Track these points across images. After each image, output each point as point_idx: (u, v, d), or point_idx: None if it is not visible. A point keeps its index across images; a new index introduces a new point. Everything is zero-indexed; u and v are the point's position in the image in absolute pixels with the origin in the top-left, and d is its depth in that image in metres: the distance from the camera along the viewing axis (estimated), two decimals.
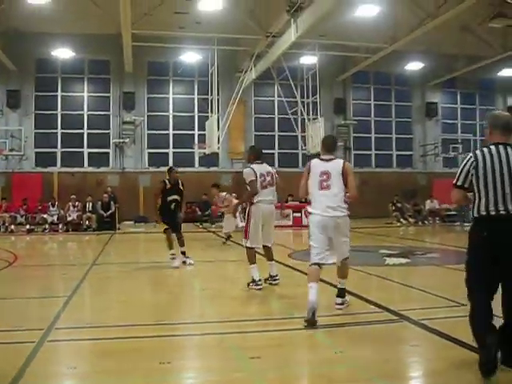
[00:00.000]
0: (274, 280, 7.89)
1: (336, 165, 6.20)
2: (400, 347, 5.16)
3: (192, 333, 5.69)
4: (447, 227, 21.68)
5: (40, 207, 20.68)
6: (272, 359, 4.73)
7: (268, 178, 7.78)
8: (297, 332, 5.57)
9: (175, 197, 10.61)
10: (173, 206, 10.54)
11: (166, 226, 10.62)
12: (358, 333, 5.56)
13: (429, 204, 23.64)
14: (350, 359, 4.68)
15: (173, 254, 10.55)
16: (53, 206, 20.31)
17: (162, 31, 21.42)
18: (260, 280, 7.65)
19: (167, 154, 25.99)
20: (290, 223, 20.39)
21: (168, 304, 7.35)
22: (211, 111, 21.90)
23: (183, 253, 10.61)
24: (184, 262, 10.45)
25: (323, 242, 6.12)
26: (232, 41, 22.83)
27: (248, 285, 7.67)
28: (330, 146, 6.40)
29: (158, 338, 5.45)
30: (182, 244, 10.63)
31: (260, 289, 7.58)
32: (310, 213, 6.35)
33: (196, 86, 26.47)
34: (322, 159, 6.31)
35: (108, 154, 25.31)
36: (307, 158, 25.45)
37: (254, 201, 7.67)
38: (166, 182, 10.56)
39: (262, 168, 7.83)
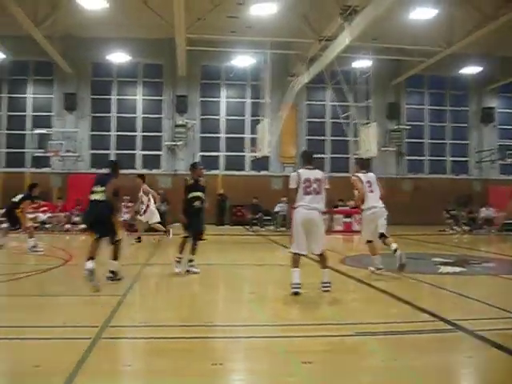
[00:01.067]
0: (325, 287, 7.72)
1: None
2: (454, 358, 5.01)
3: (242, 335, 5.66)
4: (503, 236, 21.04)
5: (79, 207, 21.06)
6: (324, 365, 4.65)
7: (314, 185, 7.62)
8: (348, 338, 5.48)
9: (198, 194, 9.79)
10: (197, 206, 9.67)
11: (186, 234, 9.79)
12: (410, 341, 5.42)
13: (484, 212, 23.02)
14: (402, 368, 4.56)
15: (180, 258, 9.73)
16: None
17: (214, 35, 21.62)
18: (297, 284, 7.44)
19: (218, 157, 26.16)
20: (341, 228, 20.21)
21: (218, 306, 7.39)
22: (263, 115, 21.95)
23: (191, 261, 9.75)
24: (188, 271, 9.60)
25: None
26: (284, 45, 22.84)
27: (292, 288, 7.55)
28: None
29: (209, 339, 5.47)
30: (193, 252, 9.79)
31: (296, 293, 7.38)
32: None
33: (248, 90, 26.58)
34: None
35: (160, 156, 25.67)
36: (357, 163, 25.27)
37: (295, 206, 7.60)
38: (188, 178, 9.97)
39: (310, 173, 7.70)
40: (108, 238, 8.48)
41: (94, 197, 8.48)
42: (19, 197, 13.53)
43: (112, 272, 8.44)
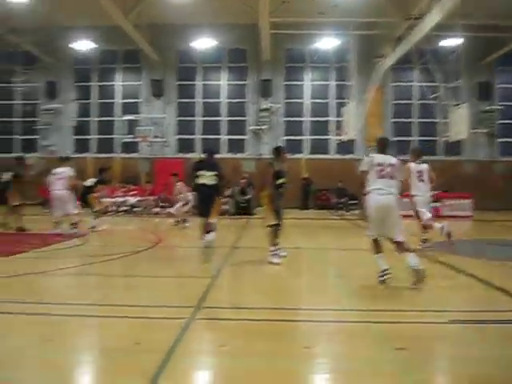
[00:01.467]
0: (415, 271, 7.36)
1: None
2: None
3: (331, 319, 5.63)
4: None
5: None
6: (418, 352, 4.55)
7: (388, 169, 7.39)
8: (441, 326, 5.35)
9: (283, 180, 9.24)
10: (281, 191, 9.25)
11: (276, 221, 9.12)
12: (506, 331, 5.21)
13: None
14: (498, 358, 4.40)
15: (277, 249, 9.14)
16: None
17: (298, 18, 21.42)
18: (384, 271, 7.14)
19: (302, 141, 26.06)
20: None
21: (306, 289, 7.39)
22: (349, 98, 21.63)
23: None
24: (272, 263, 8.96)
25: None
26: (370, 25, 22.30)
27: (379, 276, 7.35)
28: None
29: (299, 322, 5.52)
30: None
31: (383, 280, 7.11)
32: None
33: (332, 73, 26.26)
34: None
35: (244, 140, 25.89)
36: (447, 145, 24.46)
37: (368, 190, 7.37)
38: (273, 163, 9.30)
39: (384, 158, 7.49)
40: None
41: (202, 180, 8.98)
42: (92, 180, 14.03)
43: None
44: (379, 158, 7.46)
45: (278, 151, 9.64)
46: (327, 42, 24.22)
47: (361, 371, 4.17)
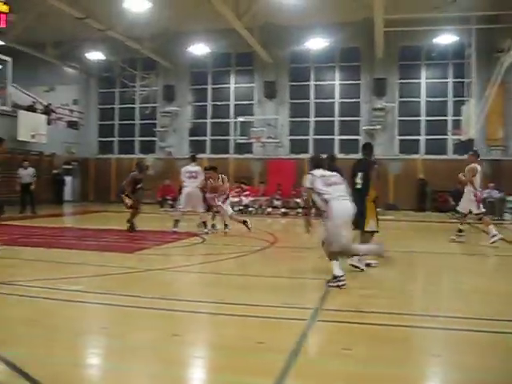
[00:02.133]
0: None
1: None
2: None
3: (459, 327, 5.35)
4: None
5: (294, 192, 21.68)
6: None
7: None
8: None
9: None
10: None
11: (375, 228, 8.52)
12: None
13: None
14: None
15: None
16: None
17: (413, 14, 20.77)
18: None
19: (418, 140, 25.25)
20: None
21: (428, 295, 7.12)
22: (468, 95, 20.71)
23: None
24: (368, 265, 8.45)
25: None
26: (491, 18, 21.21)
27: None
28: None
29: (424, 329, 5.29)
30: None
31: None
32: None
33: (450, 70, 25.26)
34: None
35: (358, 140, 25.49)
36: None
37: None
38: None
39: None
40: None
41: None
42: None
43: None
44: None
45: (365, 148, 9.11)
46: (444, 38, 23.29)
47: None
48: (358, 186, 8.22)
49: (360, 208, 7.89)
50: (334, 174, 7.38)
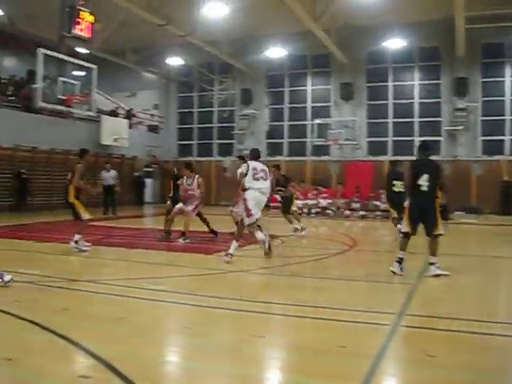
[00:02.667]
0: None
1: None
2: None
3: None
4: None
5: (372, 194, 21.36)
6: None
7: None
8: None
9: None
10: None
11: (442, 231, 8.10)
12: None
13: None
14: None
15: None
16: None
17: (495, 10, 20.03)
18: None
19: (503, 141, 24.24)
20: None
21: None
22: None
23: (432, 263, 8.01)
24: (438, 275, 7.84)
25: None
26: None
27: None
28: None
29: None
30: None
31: None
32: None
33: None
34: None
35: (439, 142, 24.80)
36: None
37: None
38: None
39: None
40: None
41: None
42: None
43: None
44: None
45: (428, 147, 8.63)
46: None
47: None
48: (424, 189, 7.81)
49: (431, 211, 7.86)
50: (265, 169, 9.39)
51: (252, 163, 9.32)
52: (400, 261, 7.88)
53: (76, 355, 4.30)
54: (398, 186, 11.37)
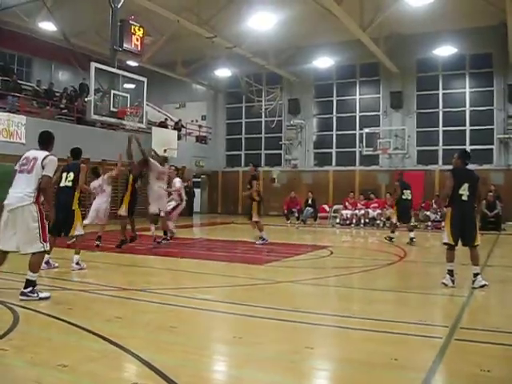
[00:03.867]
0: None
1: None
2: None
3: None
4: None
5: (423, 204, 20.99)
6: None
7: None
8: None
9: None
10: None
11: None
12: None
13: None
14: None
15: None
16: (435, 203, 20.33)
17: None
18: None
19: None
20: None
21: None
22: None
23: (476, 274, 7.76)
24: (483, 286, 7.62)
25: None
26: None
27: None
28: None
29: None
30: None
31: None
32: None
33: None
34: None
35: (491, 150, 24.24)
36: None
37: None
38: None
39: None
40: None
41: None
42: None
43: None
44: None
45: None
46: None
47: None
48: (465, 198, 7.70)
49: (470, 221, 7.79)
50: None
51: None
52: (450, 273, 7.74)
53: (129, 363, 4.38)
54: (407, 194, 14.33)
